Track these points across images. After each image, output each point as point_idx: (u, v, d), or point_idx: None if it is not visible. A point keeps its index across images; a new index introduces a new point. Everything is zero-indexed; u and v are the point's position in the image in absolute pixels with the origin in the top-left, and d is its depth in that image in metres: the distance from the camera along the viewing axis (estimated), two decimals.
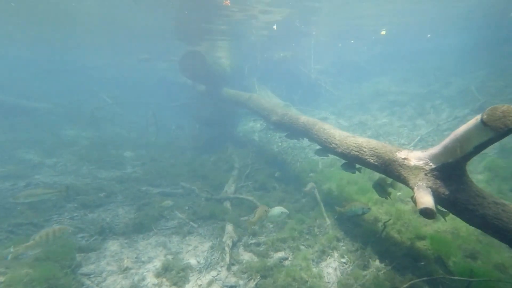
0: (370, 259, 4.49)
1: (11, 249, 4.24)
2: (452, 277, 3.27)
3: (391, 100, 14.64)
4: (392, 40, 23.75)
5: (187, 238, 6.32)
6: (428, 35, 22.80)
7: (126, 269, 5.08)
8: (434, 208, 2.80)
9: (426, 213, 2.80)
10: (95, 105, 15.69)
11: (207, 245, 6.08)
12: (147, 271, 5.06)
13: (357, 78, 19.67)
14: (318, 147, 6.44)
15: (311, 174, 8.82)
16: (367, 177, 7.24)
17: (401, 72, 18.71)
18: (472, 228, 4.50)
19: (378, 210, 5.63)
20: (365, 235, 5.08)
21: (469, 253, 3.98)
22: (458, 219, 3.10)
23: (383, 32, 20.42)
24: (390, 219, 4.77)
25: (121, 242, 5.84)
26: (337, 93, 17.80)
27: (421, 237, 4.44)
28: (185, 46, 16.09)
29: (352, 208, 4.32)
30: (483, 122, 2.47)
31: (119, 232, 6.14)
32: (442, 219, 4.55)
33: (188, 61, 11.77)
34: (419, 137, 9.71)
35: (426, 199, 2.95)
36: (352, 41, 22.98)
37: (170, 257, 5.52)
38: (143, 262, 5.33)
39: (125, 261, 5.27)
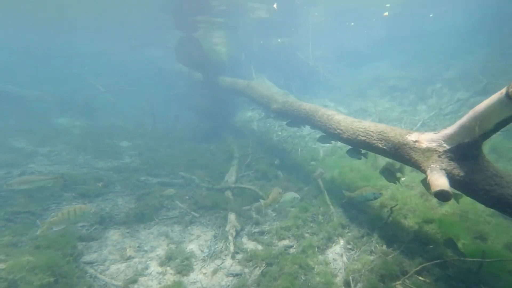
0: (377, 245, 4.46)
1: (38, 223, 4.40)
2: (465, 259, 3.23)
3: (391, 85, 14.51)
4: (394, 22, 23.33)
5: (189, 227, 6.30)
6: (431, 15, 22.32)
7: (129, 257, 5.03)
8: (450, 189, 2.73)
9: (442, 195, 2.72)
10: (87, 93, 15.29)
11: (210, 234, 6.06)
12: (150, 260, 5.02)
13: (357, 64, 19.42)
14: (318, 135, 6.35)
15: (313, 162, 8.75)
16: (370, 164, 7.18)
17: (401, 56, 18.48)
18: (480, 209, 4.51)
19: (384, 196, 5.58)
20: (371, 221, 5.05)
21: (479, 234, 3.96)
22: (465, 202, 3.05)
23: (386, 14, 19.94)
24: (397, 204, 4.72)
25: (122, 232, 5.76)
26: (336, 80, 17.59)
27: (428, 221, 4.41)
28: (180, 33, 15.54)
29: (363, 193, 4.21)
30: (508, 96, 2.36)
31: (120, 221, 6.05)
32: (448, 203, 4.55)
33: (184, 47, 11.44)
34: (421, 122, 9.66)
35: (441, 181, 2.87)
36: (352, 24, 22.49)
37: (173, 246, 5.48)
38: (146, 251, 5.28)
39: (128, 250, 5.21)
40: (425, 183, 3.61)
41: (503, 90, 2.41)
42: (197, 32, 15.51)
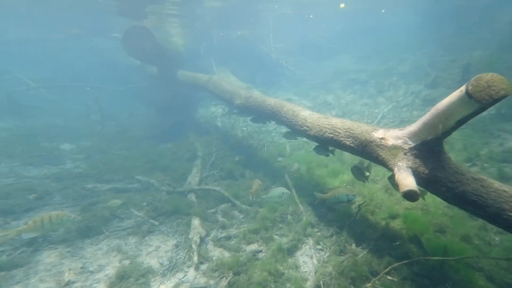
0: (346, 244, 4.46)
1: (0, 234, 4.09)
2: (431, 258, 3.30)
3: (352, 78, 15.06)
4: (350, 16, 24.26)
5: (147, 238, 5.83)
6: (383, 10, 23.68)
7: (68, 283, 4.37)
8: (417, 189, 2.70)
9: (410, 195, 2.69)
10: (13, 89, 13.15)
11: (171, 243, 5.68)
12: (97, 283, 4.44)
13: (319, 57, 19.86)
14: (284, 130, 6.22)
15: (280, 158, 8.66)
16: (336, 159, 7.27)
17: (360, 50, 19.33)
18: (439, 202, 4.76)
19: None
20: (339, 219, 5.05)
21: (439, 227, 4.15)
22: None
23: (342, 6, 20.59)
24: (365, 202, 4.77)
25: (61, 252, 5.05)
26: (300, 73, 17.79)
27: (394, 217, 4.52)
28: (127, 20, 14.15)
29: (336, 194, 4.11)
30: (468, 94, 2.34)
31: (58, 239, 5.31)
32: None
33: (133, 38, 10.46)
34: (381, 115, 10.11)
35: (408, 181, 2.84)
36: (311, 16, 22.88)
37: (126, 262, 4.98)
38: (92, 272, 4.68)
39: (67, 274, 4.53)
40: (392, 181, 3.63)
41: (463, 88, 2.40)
42: (145, 20, 14.32)
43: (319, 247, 4.82)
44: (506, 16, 14.01)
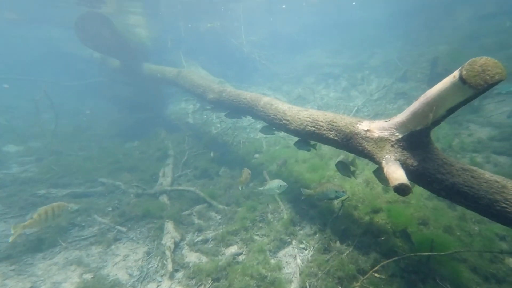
0: (330, 241, 4.33)
1: (12, 231, 4.15)
2: (422, 254, 3.25)
3: (325, 73, 15.23)
4: (322, 10, 24.55)
5: (113, 247, 5.41)
6: (354, 3, 24.27)
7: None
8: (408, 183, 2.58)
9: (402, 189, 2.56)
10: None
11: (141, 251, 5.29)
12: None
13: (291, 50, 19.86)
14: (260, 125, 5.99)
15: (256, 155, 8.43)
16: (314, 153, 7.18)
17: (331, 44, 19.65)
18: (418, 193, 4.83)
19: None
20: (322, 215, 4.93)
21: (421, 220, 4.16)
22: None
23: None
24: (348, 197, 4.67)
25: (4, 271, 4.38)
26: (273, 67, 17.65)
27: (377, 211, 4.48)
28: (79, 7, 12.68)
29: (324, 190, 3.90)
30: (462, 80, 2.24)
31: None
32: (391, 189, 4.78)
33: (88, 26, 9.53)
34: (356, 108, 10.26)
35: (399, 174, 2.72)
36: (284, 6, 22.79)
37: (88, 276, 4.52)
38: None
39: None
40: (378, 174, 3.54)
41: (456, 74, 2.29)
42: (102, 5, 13.08)
43: (302, 246, 4.66)
44: (465, 13, 14.98)
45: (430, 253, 3.21)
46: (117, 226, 5.84)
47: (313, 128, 4.10)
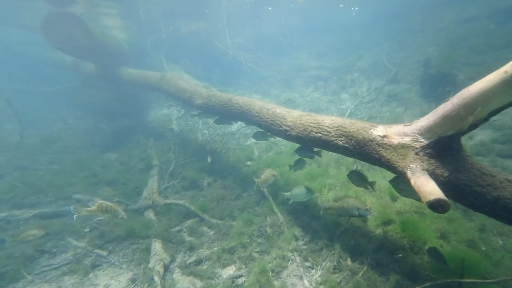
0: (340, 259, 3.96)
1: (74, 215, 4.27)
2: (464, 280, 2.83)
3: (314, 75, 15.10)
4: (307, 12, 24.64)
5: (91, 275, 4.83)
6: (341, 5, 24.58)
7: None
8: (445, 198, 2.25)
9: (438, 205, 2.23)
10: None
11: (125, 278, 4.75)
12: None
13: (278, 53, 19.70)
14: (249, 130, 5.58)
15: (248, 162, 7.99)
16: (311, 160, 6.85)
17: (317, 46, 19.67)
18: None
19: (332, 197, 5.24)
20: (327, 229, 4.55)
21: (439, 233, 3.85)
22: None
23: None
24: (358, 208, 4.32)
25: None
26: (260, 70, 17.36)
27: (387, 222, 4.16)
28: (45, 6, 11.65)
29: (345, 206, 3.44)
30: None
31: None
32: (401, 198, 4.46)
33: (58, 26, 8.79)
34: (349, 111, 10.09)
35: (430, 187, 2.38)
36: (270, 8, 22.67)
37: None
38: None
39: None
40: (397, 185, 3.21)
41: (508, 69, 1.99)
42: (73, 4, 12.17)
43: (308, 264, 4.26)
44: (449, 16, 15.38)
45: (476, 280, 2.81)
46: (96, 249, 5.24)
47: (319, 134, 3.75)
